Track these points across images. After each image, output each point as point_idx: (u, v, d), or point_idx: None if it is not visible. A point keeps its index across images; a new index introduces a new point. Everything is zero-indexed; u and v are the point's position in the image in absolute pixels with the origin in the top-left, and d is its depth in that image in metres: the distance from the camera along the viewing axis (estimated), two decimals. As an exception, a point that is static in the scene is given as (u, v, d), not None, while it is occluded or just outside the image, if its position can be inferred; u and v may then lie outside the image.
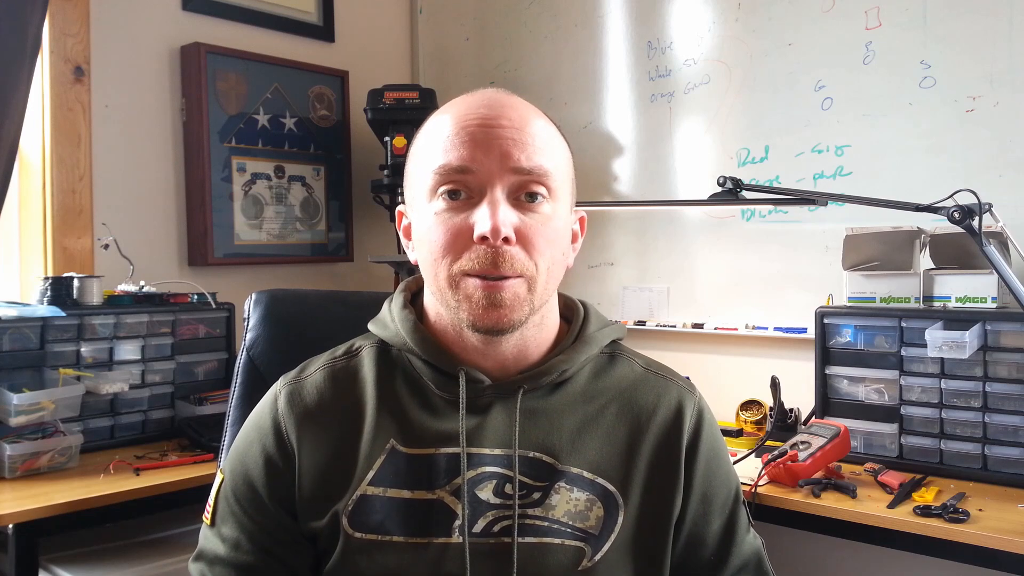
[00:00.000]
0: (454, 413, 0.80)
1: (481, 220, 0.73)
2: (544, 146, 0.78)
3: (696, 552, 0.85)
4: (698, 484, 0.84)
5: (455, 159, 0.75)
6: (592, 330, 0.86)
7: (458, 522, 0.76)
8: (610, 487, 0.80)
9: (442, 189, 0.76)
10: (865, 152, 1.88)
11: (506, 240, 0.74)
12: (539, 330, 0.82)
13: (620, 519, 0.79)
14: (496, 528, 0.77)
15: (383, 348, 0.86)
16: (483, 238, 0.73)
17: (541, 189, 0.76)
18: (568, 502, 0.78)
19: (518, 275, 0.75)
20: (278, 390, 0.85)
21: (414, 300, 0.88)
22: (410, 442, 0.79)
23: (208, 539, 0.84)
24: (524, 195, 0.76)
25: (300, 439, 0.81)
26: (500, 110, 0.77)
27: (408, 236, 0.85)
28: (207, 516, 0.85)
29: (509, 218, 0.74)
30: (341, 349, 0.89)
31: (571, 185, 0.83)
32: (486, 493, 0.77)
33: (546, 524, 0.77)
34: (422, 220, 0.79)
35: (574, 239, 0.85)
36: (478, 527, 0.76)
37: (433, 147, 0.78)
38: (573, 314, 0.88)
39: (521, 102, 0.80)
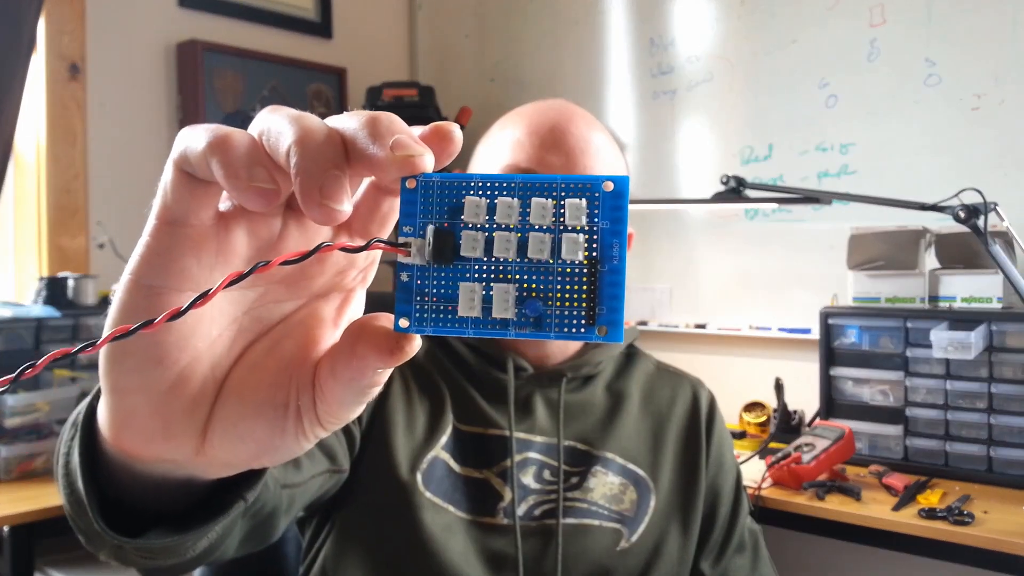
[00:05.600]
0: (497, 398, 0.84)
1: None
2: (607, 159, 0.83)
3: (707, 532, 0.90)
4: (713, 464, 0.90)
5: (523, 160, 0.81)
6: None
7: (503, 504, 0.80)
8: (641, 472, 0.86)
9: None
10: (870, 150, 1.87)
11: None
12: None
13: (652, 503, 0.85)
14: (537, 512, 0.82)
15: None
16: None
17: None
18: (604, 485, 0.84)
19: None
20: None
21: None
22: (463, 419, 0.84)
23: None
24: None
25: (388, 385, 0.83)
26: (569, 117, 0.83)
27: None
28: None
29: None
30: None
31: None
32: (528, 478, 0.82)
33: (585, 506, 0.82)
34: None
35: None
36: (521, 510, 0.81)
37: (502, 146, 0.83)
38: None
39: (588, 114, 0.86)
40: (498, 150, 0.84)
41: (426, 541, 0.76)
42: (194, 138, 0.28)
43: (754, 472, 1.56)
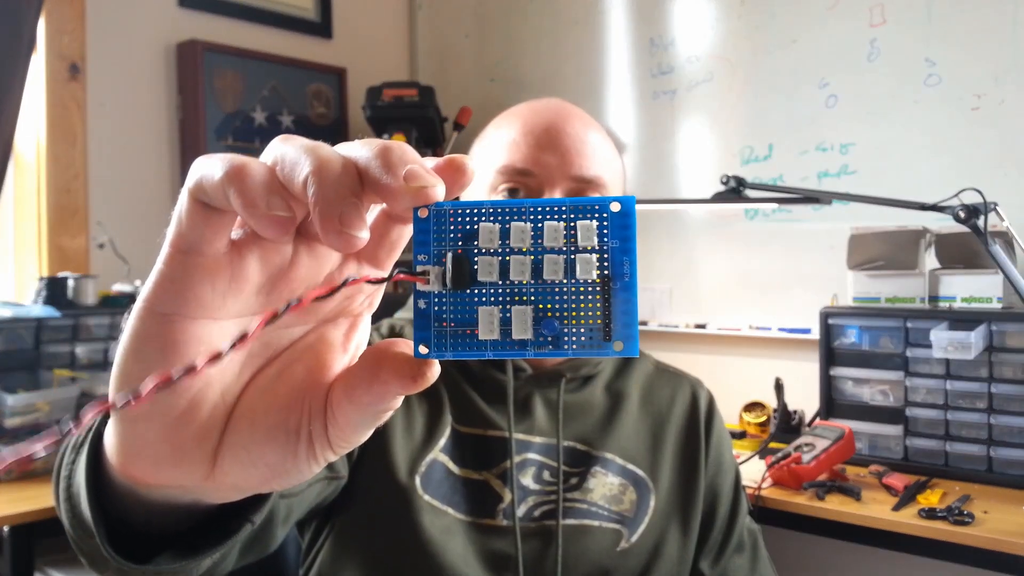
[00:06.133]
0: (496, 399, 0.84)
1: None
2: (604, 158, 0.83)
3: (707, 532, 0.90)
4: (712, 464, 0.90)
5: (519, 160, 0.80)
6: None
7: (502, 505, 0.80)
8: (640, 472, 0.85)
9: (502, 187, 0.81)
10: (870, 150, 1.86)
11: None
12: None
13: (652, 503, 0.85)
14: (537, 513, 0.81)
15: None
16: None
17: None
18: (603, 486, 0.83)
19: None
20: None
21: None
22: (462, 420, 0.83)
23: None
24: None
25: None
26: (565, 117, 0.83)
27: None
28: None
29: None
30: (384, 326, 0.90)
31: None
32: (527, 479, 0.82)
33: (585, 506, 0.82)
34: None
35: None
36: (520, 511, 0.80)
37: (498, 147, 0.83)
38: None
39: (584, 113, 0.85)
40: (494, 151, 0.83)
41: (425, 544, 0.76)
42: (210, 167, 0.28)
43: (754, 472, 1.56)
